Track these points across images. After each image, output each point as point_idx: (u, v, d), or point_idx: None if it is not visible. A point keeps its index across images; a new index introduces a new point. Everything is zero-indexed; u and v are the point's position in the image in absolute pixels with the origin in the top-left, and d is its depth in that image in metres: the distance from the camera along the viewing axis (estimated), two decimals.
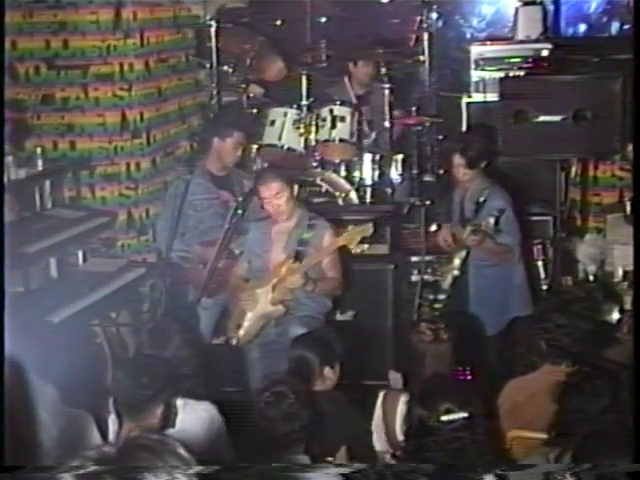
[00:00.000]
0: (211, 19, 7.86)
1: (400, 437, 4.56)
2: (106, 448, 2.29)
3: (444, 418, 3.69)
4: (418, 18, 8.15)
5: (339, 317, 6.36)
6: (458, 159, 6.36)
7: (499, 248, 6.23)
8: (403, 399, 4.57)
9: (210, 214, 6.58)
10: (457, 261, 6.26)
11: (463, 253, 6.26)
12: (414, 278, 7.06)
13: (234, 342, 5.93)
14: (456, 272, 6.26)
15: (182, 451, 2.33)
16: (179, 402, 4.22)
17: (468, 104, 7.88)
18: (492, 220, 6.04)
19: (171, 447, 2.32)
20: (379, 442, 4.61)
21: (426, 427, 3.73)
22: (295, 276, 5.75)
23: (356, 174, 7.30)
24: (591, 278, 7.12)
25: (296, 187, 6.02)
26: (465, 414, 3.69)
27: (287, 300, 5.83)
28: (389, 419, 4.60)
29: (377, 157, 7.36)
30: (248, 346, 5.93)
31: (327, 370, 4.82)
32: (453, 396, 3.76)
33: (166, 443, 2.33)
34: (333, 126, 7.28)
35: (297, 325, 5.73)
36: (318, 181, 7.18)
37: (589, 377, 4.03)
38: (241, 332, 5.89)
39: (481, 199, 6.25)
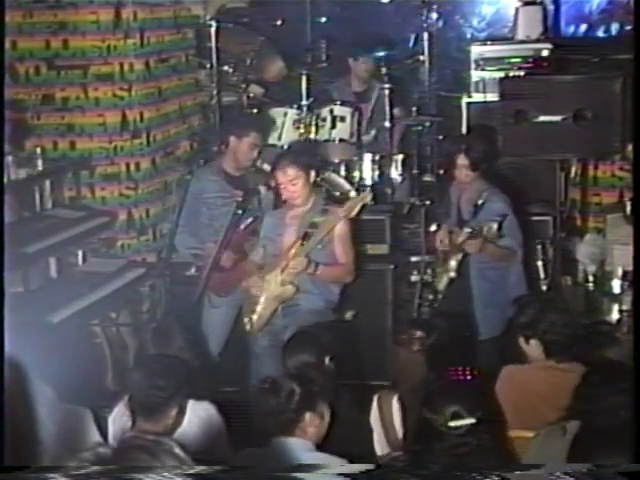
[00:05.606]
0: (211, 19, 7.86)
1: (400, 437, 4.58)
2: (102, 449, 2.28)
3: (452, 424, 3.65)
4: (418, 18, 8.16)
5: (339, 317, 6.36)
6: (462, 160, 6.27)
7: (501, 251, 6.12)
8: (396, 398, 4.59)
9: (223, 212, 6.52)
10: (453, 263, 6.15)
11: (460, 255, 6.15)
12: (414, 278, 7.05)
13: (248, 328, 5.93)
14: (452, 274, 6.17)
15: (178, 451, 2.32)
16: None
17: (468, 104, 7.88)
18: (495, 226, 5.90)
19: (167, 447, 2.31)
20: (378, 444, 4.60)
21: (433, 431, 3.69)
22: (298, 259, 5.77)
23: (356, 174, 7.29)
24: (591, 278, 7.13)
25: (313, 173, 5.99)
26: (472, 420, 3.65)
27: (295, 282, 5.82)
28: (386, 420, 4.60)
29: (377, 157, 7.36)
30: (259, 334, 5.92)
31: (327, 362, 4.82)
32: (459, 399, 3.71)
33: (162, 443, 2.32)
34: (333, 126, 7.28)
35: (303, 317, 5.73)
36: (318, 181, 7.17)
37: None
38: (255, 317, 5.87)
39: (480, 201, 6.15)
